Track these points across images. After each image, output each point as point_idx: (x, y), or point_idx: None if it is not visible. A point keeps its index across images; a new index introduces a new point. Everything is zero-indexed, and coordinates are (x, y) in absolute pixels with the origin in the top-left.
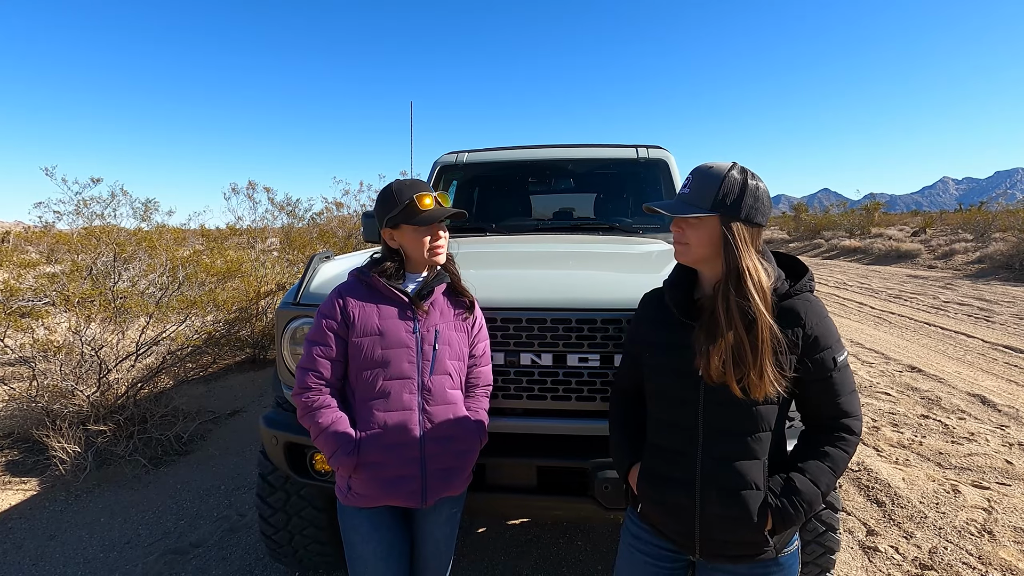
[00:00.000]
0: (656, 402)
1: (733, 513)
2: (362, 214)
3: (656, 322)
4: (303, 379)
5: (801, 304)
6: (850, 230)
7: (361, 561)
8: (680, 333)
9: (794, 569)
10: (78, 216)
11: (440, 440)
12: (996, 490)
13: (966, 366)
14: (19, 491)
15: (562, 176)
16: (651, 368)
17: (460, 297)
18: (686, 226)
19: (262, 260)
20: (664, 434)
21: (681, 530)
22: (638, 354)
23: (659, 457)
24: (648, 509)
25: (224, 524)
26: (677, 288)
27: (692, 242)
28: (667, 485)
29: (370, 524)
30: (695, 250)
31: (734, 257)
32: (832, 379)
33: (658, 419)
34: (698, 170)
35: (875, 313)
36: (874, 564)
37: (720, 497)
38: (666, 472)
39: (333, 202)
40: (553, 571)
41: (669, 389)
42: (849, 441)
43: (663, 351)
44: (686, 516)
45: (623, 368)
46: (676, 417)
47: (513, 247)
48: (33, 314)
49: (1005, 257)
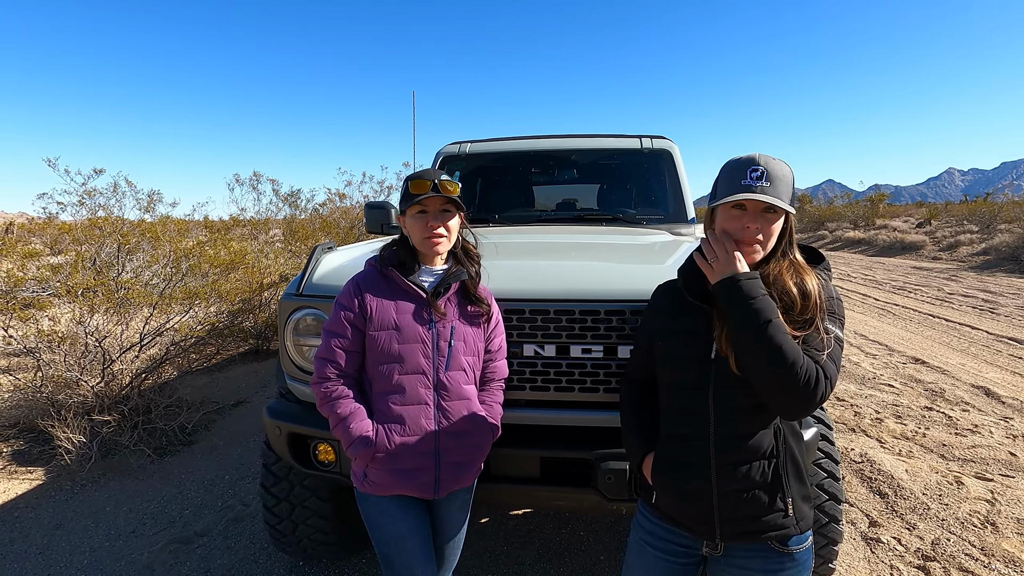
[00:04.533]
0: (669, 389)
1: (750, 483)
2: (365, 205)
3: (670, 311)
4: (321, 369)
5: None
6: (854, 221)
7: (397, 542)
8: (694, 319)
9: (808, 565)
10: (81, 207)
11: (454, 435)
12: (999, 482)
13: (970, 358)
14: (25, 481)
15: (565, 167)
16: (665, 355)
17: (478, 299)
18: (765, 223)
19: (265, 251)
20: (678, 421)
21: (699, 515)
22: (651, 343)
23: (673, 444)
24: (664, 498)
25: (228, 513)
26: (692, 275)
27: (771, 238)
28: (683, 471)
29: (398, 506)
30: (769, 246)
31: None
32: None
33: (671, 407)
34: (768, 164)
35: (879, 305)
36: (876, 555)
37: (736, 472)
38: (682, 458)
39: (336, 193)
40: (555, 560)
41: (683, 375)
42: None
43: (678, 338)
44: (704, 500)
45: (634, 359)
46: (689, 402)
47: (516, 238)
48: (37, 305)
49: (1011, 248)
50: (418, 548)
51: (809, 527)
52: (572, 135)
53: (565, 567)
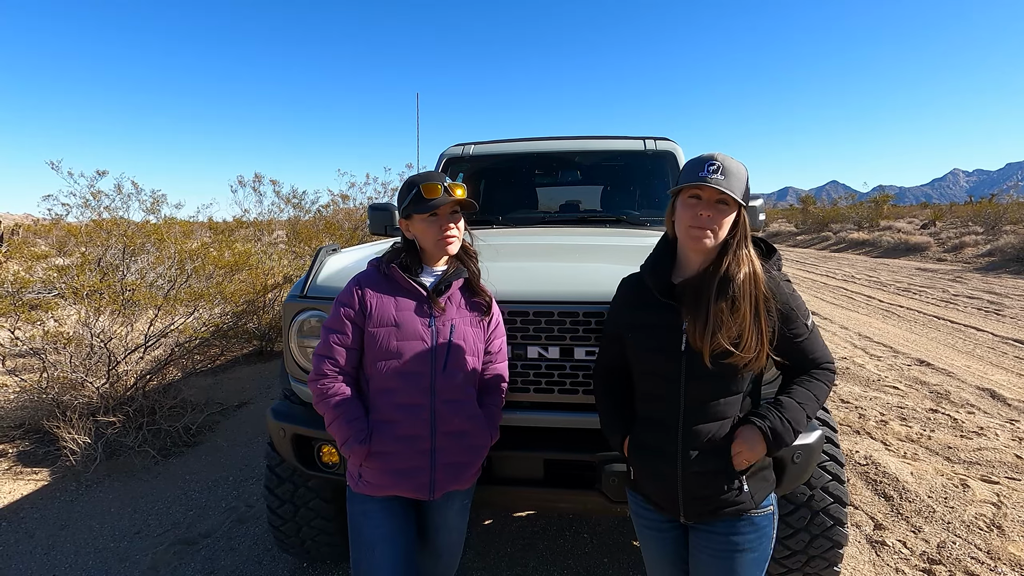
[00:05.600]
0: (641, 378)
1: (710, 467)
2: (368, 206)
3: (637, 304)
4: (319, 366)
5: (772, 281)
6: (858, 223)
7: (367, 547)
8: (661, 313)
9: (768, 532)
10: (87, 208)
11: (451, 435)
12: (1005, 484)
13: (975, 360)
14: (31, 481)
15: (569, 168)
16: (636, 347)
17: (478, 294)
18: (717, 213)
19: (269, 253)
20: (649, 407)
21: (666, 495)
22: (620, 335)
23: (645, 428)
24: (639, 478)
25: (232, 515)
26: (657, 271)
27: (722, 228)
28: (653, 454)
29: (382, 511)
30: (720, 235)
31: (743, 242)
32: (808, 340)
33: (644, 393)
34: (724, 161)
35: (883, 306)
36: (882, 558)
37: (698, 458)
38: (652, 443)
39: (339, 195)
40: (559, 563)
41: (654, 366)
42: (828, 376)
43: (647, 331)
44: (670, 482)
45: (604, 349)
46: (660, 390)
47: (520, 239)
48: (43, 306)
49: (1016, 250)
50: (386, 560)
51: (766, 496)
52: (575, 136)
53: (569, 570)
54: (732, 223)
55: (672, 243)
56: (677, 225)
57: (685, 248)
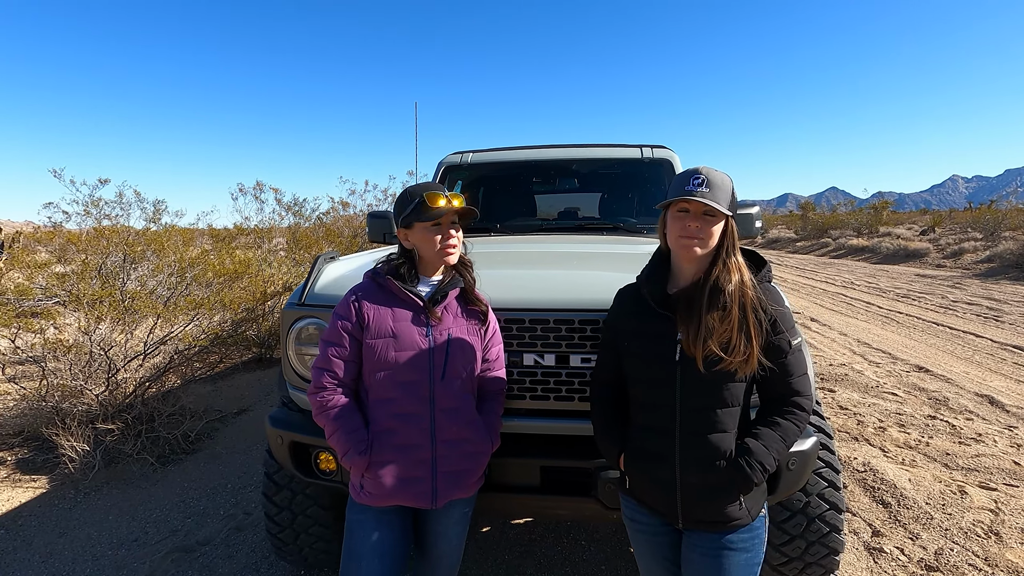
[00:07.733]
0: (638, 387)
1: (710, 481)
2: (368, 214)
3: (633, 314)
4: (318, 379)
5: (762, 291)
6: (858, 229)
7: (356, 556)
8: (657, 323)
9: (761, 534)
10: (87, 216)
11: (451, 443)
12: (1003, 491)
13: (974, 366)
14: (29, 488)
15: (567, 176)
16: (632, 356)
17: (474, 303)
18: (705, 224)
19: (269, 260)
20: (646, 415)
21: (666, 502)
22: (617, 345)
23: (643, 436)
24: (635, 486)
25: (231, 522)
26: (653, 282)
27: (711, 238)
28: (652, 460)
29: (376, 522)
30: (709, 244)
31: (731, 251)
32: (787, 360)
33: (640, 402)
34: (709, 174)
35: (883, 312)
36: (879, 565)
37: (698, 468)
38: (650, 449)
39: (339, 202)
40: (556, 571)
41: (650, 374)
42: (799, 416)
43: (643, 340)
44: (669, 489)
45: (602, 360)
46: (656, 398)
47: (518, 247)
48: (44, 314)
49: (1015, 256)
50: (372, 573)
51: (760, 505)
52: (573, 144)
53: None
54: (720, 232)
55: (666, 255)
56: (668, 236)
57: (678, 258)
